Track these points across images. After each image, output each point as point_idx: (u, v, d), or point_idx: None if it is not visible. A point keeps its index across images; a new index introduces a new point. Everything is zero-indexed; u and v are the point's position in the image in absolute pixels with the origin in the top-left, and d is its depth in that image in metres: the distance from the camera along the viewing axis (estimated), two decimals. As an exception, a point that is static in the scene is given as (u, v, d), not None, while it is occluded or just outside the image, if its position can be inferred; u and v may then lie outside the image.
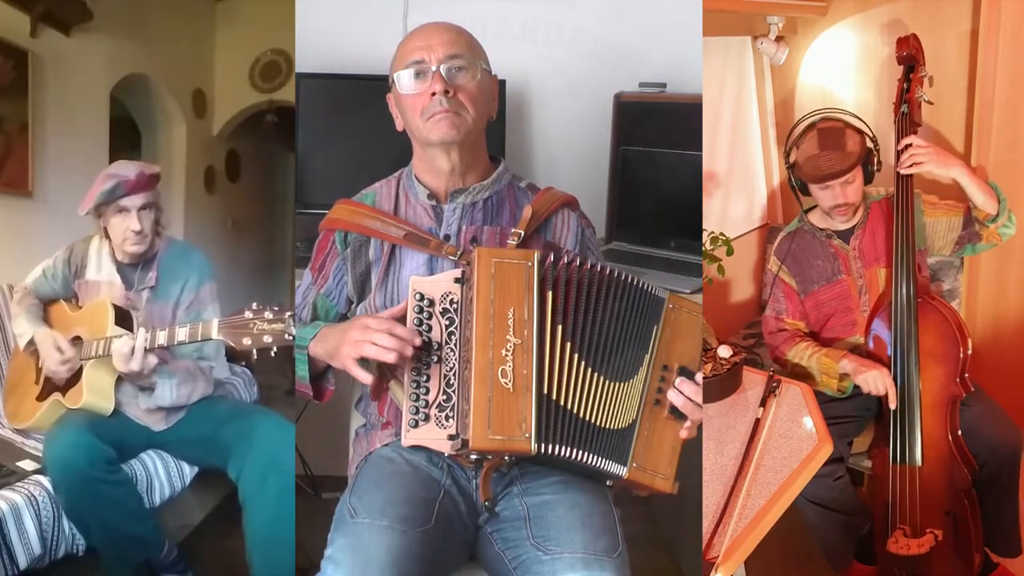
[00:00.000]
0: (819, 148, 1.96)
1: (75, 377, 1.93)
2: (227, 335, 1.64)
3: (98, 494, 1.78)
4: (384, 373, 1.35)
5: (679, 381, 1.29)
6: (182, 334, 1.75)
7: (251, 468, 1.81)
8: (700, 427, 1.34)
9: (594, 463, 1.25)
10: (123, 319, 1.92)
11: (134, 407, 1.97)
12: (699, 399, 1.30)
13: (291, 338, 1.56)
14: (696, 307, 1.35)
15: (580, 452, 1.24)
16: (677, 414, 1.29)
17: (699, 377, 1.31)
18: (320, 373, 1.42)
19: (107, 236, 2.02)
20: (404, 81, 1.37)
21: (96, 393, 1.90)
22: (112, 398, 1.93)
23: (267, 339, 1.58)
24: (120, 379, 1.93)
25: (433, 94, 1.34)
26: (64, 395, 1.94)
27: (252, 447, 1.84)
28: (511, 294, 1.24)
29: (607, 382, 1.27)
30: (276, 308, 1.60)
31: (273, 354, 1.59)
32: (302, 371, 1.39)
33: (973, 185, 1.92)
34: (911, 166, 1.89)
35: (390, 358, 1.23)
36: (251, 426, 1.90)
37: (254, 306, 1.61)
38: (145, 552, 1.92)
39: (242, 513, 1.80)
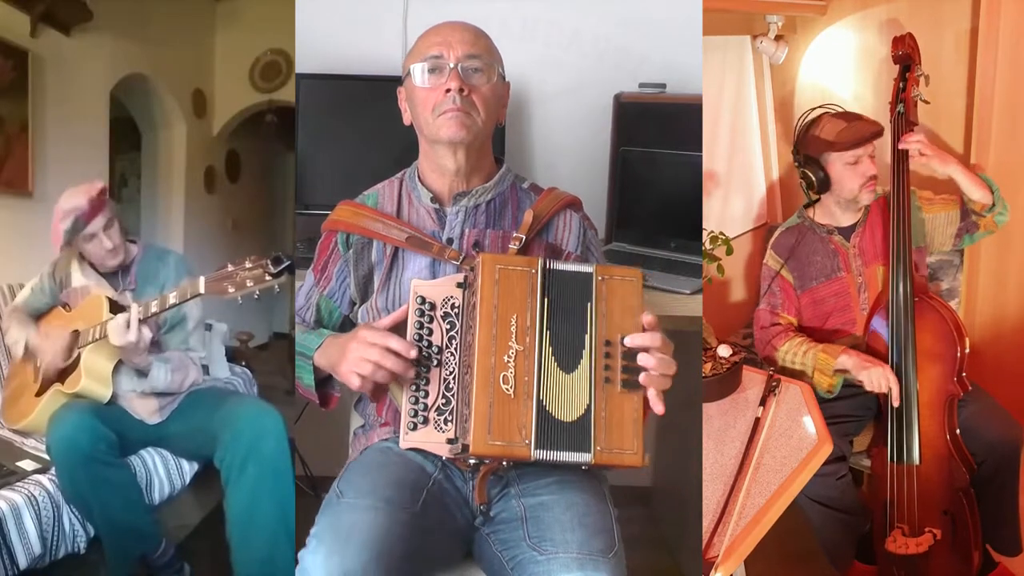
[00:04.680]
0: (846, 122, 1.99)
1: (73, 364, 1.96)
2: (212, 288, 1.69)
3: (99, 477, 1.82)
4: None
5: (640, 357, 1.22)
6: (172, 297, 1.80)
7: (232, 453, 1.85)
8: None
9: (564, 459, 1.21)
10: (118, 309, 1.95)
11: (130, 399, 2.00)
12: (651, 363, 1.22)
13: (271, 279, 1.62)
14: (629, 272, 1.27)
15: (558, 452, 1.21)
16: (630, 386, 1.23)
17: (641, 340, 1.22)
18: (324, 380, 1.41)
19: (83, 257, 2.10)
20: (419, 74, 1.36)
21: (94, 378, 1.93)
22: (110, 384, 1.95)
23: (249, 283, 1.63)
24: (117, 368, 1.96)
25: (448, 91, 1.33)
26: (63, 383, 1.97)
27: (235, 433, 1.87)
28: (514, 300, 1.23)
29: (566, 375, 1.23)
30: (253, 257, 1.66)
31: (256, 297, 1.65)
32: (308, 380, 1.38)
33: (969, 181, 1.94)
34: (919, 152, 1.91)
35: (383, 378, 1.24)
36: (235, 413, 1.94)
37: (235, 260, 1.67)
38: (142, 546, 1.94)
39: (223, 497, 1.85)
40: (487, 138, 1.43)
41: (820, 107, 2.06)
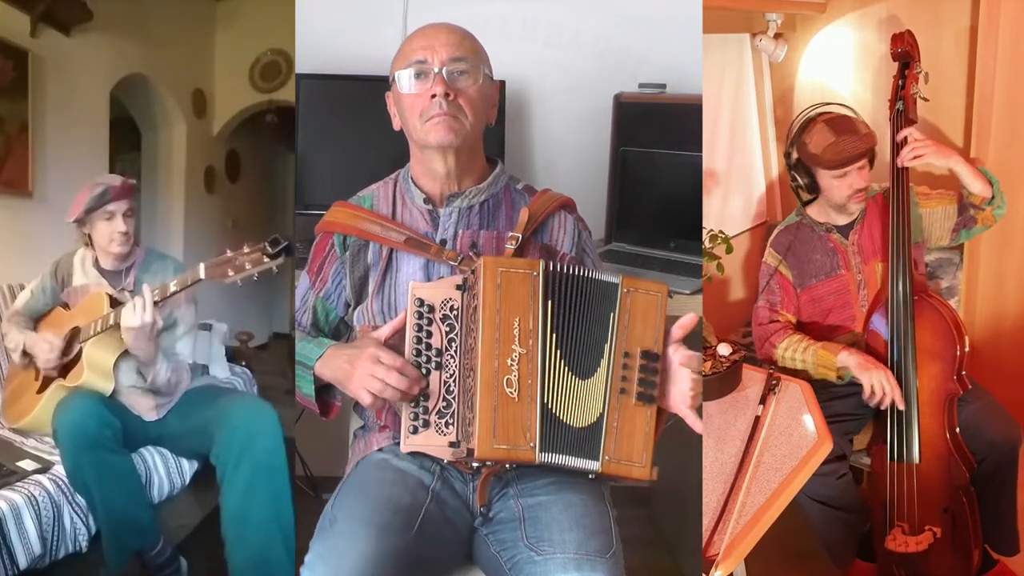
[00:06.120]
0: (835, 135, 1.96)
1: (75, 359, 1.98)
2: (212, 273, 1.72)
3: (103, 463, 1.83)
4: None
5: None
6: (173, 285, 1.83)
7: (227, 450, 1.86)
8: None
9: (571, 464, 1.23)
10: (117, 306, 1.96)
11: (129, 395, 2.01)
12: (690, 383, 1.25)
13: (268, 261, 1.65)
14: (654, 286, 1.27)
15: (565, 457, 1.23)
16: (645, 400, 1.25)
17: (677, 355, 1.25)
18: (324, 388, 1.40)
19: (90, 245, 2.12)
20: (404, 80, 1.36)
21: (95, 371, 1.94)
22: (111, 378, 1.96)
23: (248, 266, 1.67)
24: (117, 364, 1.96)
25: (433, 96, 1.33)
26: (64, 378, 1.98)
27: (230, 430, 1.89)
28: (516, 303, 1.22)
29: (580, 381, 1.25)
30: (250, 243, 1.70)
31: (255, 279, 1.69)
32: (307, 390, 1.37)
33: (970, 174, 1.94)
34: (913, 158, 1.90)
35: (395, 398, 1.25)
36: (230, 410, 1.96)
37: (233, 248, 1.71)
38: (140, 540, 1.94)
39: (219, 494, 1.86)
40: (477, 139, 1.42)
41: (819, 105, 2.05)
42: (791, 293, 2.08)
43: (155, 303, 1.84)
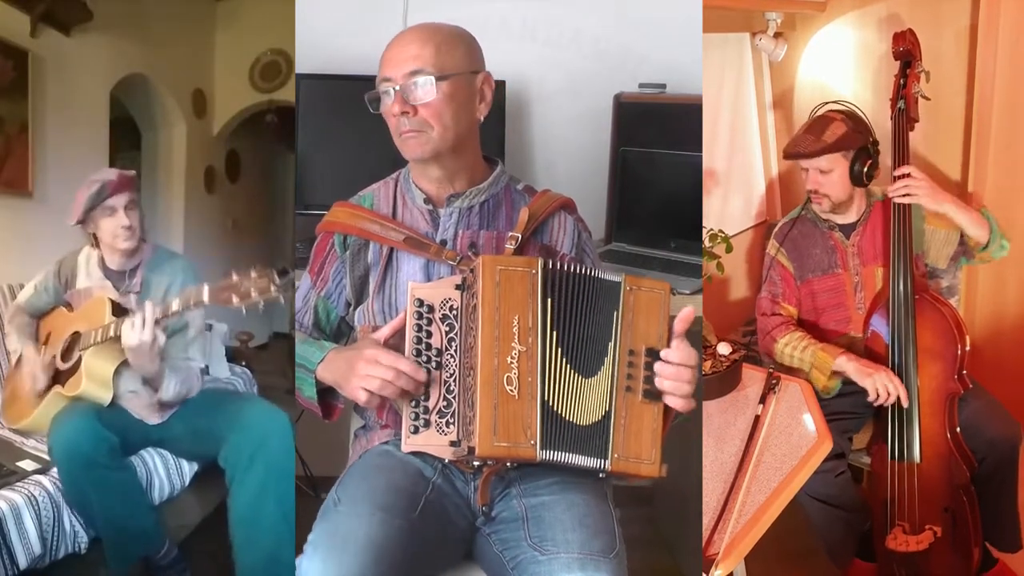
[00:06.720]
0: (804, 130, 2.00)
1: (74, 367, 1.96)
2: (216, 298, 1.69)
3: (101, 480, 1.81)
4: None
5: (658, 366, 1.24)
6: (175, 304, 1.80)
7: (238, 451, 1.86)
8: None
9: (578, 462, 1.23)
10: (120, 312, 1.95)
11: (130, 400, 2.00)
12: (679, 377, 1.24)
13: (275, 290, 1.63)
14: (657, 284, 1.28)
15: (569, 455, 1.23)
16: (651, 397, 1.25)
17: (668, 354, 1.24)
18: (326, 389, 1.40)
19: (96, 245, 2.10)
20: (377, 102, 1.38)
21: (94, 381, 1.93)
22: (110, 387, 1.95)
23: (254, 294, 1.63)
24: (117, 371, 1.95)
25: (394, 115, 1.34)
26: (63, 386, 1.96)
27: (242, 432, 1.88)
28: (516, 301, 1.23)
29: (583, 380, 1.25)
30: (258, 268, 1.66)
31: (260, 309, 1.65)
32: (309, 392, 1.38)
33: (966, 219, 1.91)
34: (904, 196, 1.89)
35: (395, 395, 1.25)
36: (242, 412, 1.95)
37: (239, 270, 1.67)
38: (146, 547, 1.94)
39: (228, 495, 1.85)
40: (461, 142, 1.39)
41: (836, 102, 2.04)
42: (792, 285, 2.08)
43: (156, 320, 1.82)
